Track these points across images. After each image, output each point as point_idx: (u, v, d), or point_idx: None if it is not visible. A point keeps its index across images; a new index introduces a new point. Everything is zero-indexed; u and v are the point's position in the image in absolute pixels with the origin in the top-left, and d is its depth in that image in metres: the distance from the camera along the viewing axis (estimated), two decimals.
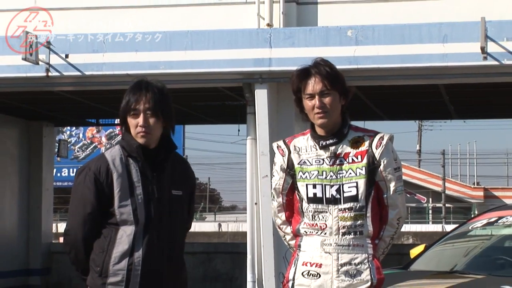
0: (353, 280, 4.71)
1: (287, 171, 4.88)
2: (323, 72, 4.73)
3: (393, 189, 4.74)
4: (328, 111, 4.72)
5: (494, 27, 13.26)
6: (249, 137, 14.65)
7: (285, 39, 13.97)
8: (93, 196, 4.55)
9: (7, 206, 19.32)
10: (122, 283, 4.54)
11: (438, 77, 14.46)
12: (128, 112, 4.59)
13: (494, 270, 6.80)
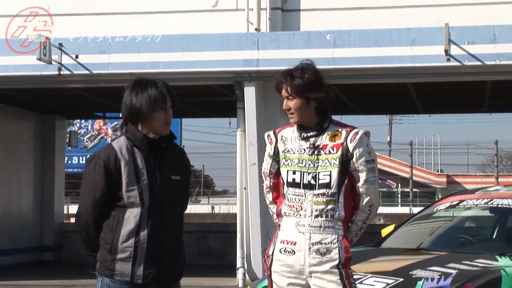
0: (323, 257, 4.73)
1: (274, 157, 4.93)
2: (289, 80, 4.78)
3: (365, 178, 4.75)
4: (295, 113, 4.80)
5: (457, 32, 13.27)
6: (239, 129, 14.66)
7: (271, 42, 13.97)
8: (103, 182, 4.55)
9: (24, 190, 19.30)
10: (129, 259, 4.54)
11: (406, 76, 14.48)
12: (156, 107, 4.58)
13: (456, 247, 6.81)
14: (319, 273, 4.72)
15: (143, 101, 4.58)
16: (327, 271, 4.71)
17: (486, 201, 7.17)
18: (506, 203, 6.93)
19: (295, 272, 4.78)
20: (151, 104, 4.58)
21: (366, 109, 20.35)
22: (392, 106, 21.26)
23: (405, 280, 5.53)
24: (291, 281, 4.79)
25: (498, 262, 5.87)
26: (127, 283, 4.55)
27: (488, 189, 7.73)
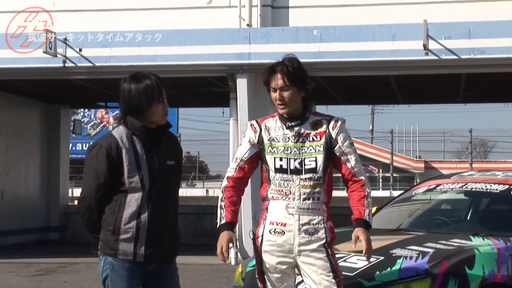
0: (311, 237, 4.74)
1: (257, 145, 4.91)
2: (285, 70, 4.75)
3: (355, 158, 4.78)
4: (287, 103, 4.78)
5: (435, 28, 13.29)
6: (232, 118, 14.68)
7: (262, 37, 13.97)
8: (105, 168, 4.55)
9: (31, 174, 19.32)
10: (132, 239, 4.55)
11: (388, 69, 14.50)
12: (156, 99, 4.59)
13: (433, 228, 6.83)
14: (307, 251, 4.74)
15: (142, 98, 4.58)
16: (315, 249, 4.73)
17: (461, 185, 7.19)
18: (480, 187, 6.95)
19: (285, 251, 4.79)
20: (149, 100, 4.59)
21: (350, 100, 20.37)
22: (374, 96, 21.28)
23: (386, 258, 5.54)
24: (280, 259, 4.80)
25: (472, 241, 5.88)
26: (129, 261, 4.56)
27: (463, 174, 7.75)
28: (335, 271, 4.71)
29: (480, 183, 7.02)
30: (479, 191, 6.98)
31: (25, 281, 11.77)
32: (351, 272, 5.36)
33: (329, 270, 4.70)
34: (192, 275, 11.83)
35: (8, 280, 11.89)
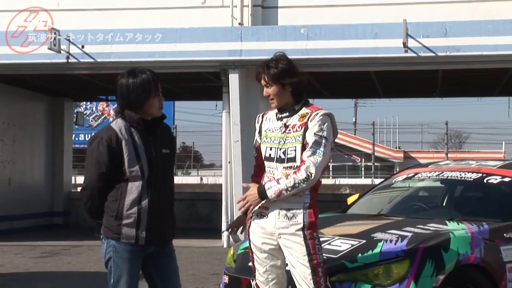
0: (289, 221, 4.76)
1: (258, 135, 4.99)
2: (265, 70, 4.81)
3: (310, 146, 4.70)
4: (274, 98, 4.84)
5: (413, 27, 13.31)
6: (224, 111, 14.68)
7: (253, 35, 13.96)
8: (107, 159, 4.56)
9: (36, 163, 19.29)
10: (134, 224, 4.57)
11: (370, 66, 14.52)
12: (152, 94, 4.59)
13: (411, 213, 6.84)
14: (286, 235, 4.76)
15: (140, 92, 4.58)
16: (292, 233, 4.74)
17: (437, 173, 7.21)
18: (455, 175, 6.96)
19: (268, 233, 4.81)
20: (147, 94, 4.59)
21: (334, 94, 20.37)
22: (357, 91, 21.30)
23: (368, 241, 5.55)
24: (265, 241, 4.83)
25: (447, 226, 5.90)
26: (131, 244, 4.58)
27: (439, 163, 7.76)
28: (311, 254, 4.70)
29: (455, 171, 7.03)
30: (454, 179, 7.00)
31: (31, 262, 11.77)
32: (335, 255, 5.37)
33: (305, 253, 4.70)
34: (187, 257, 11.85)
35: (15, 261, 11.89)
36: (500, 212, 6.29)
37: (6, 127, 17.86)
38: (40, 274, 10.53)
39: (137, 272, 4.66)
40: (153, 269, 4.73)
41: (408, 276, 5.26)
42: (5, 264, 11.54)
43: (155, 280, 4.74)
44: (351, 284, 5.24)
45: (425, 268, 5.32)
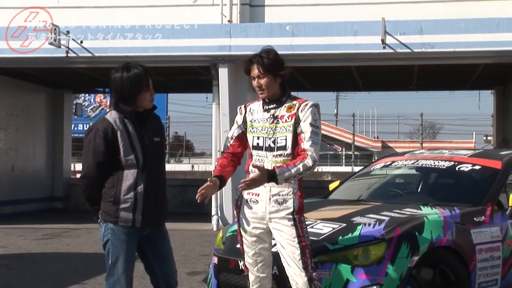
0: (280, 206, 4.76)
1: (241, 125, 4.95)
2: (260, 61, 4.77)
3: (309, 136, 4.71)
4: (265, 89, 4.80)
5: (391, 25, 13.32)
6: (214, 103, 14.66)
7: (241, 31, 13.94)
8: (103, 149, 4.55)
9: (38, 150, 19.27)
10: (131, 208, 4.57)
11: (350, 61, 14.53)
12: (144, 88, 4.58)
13: (388, 199, 6.85)
14: (277, 219, 4.76)
15: (132, 86, 4.57)
16: (283, 217, 4.74)
17: (413, 161, 7.22)
18: (429, 163, 6.98)
19: (258, 218, 4.81)
20: (139, 88, 4.58)
21: (317, 87, 20.39)
22: (339, 84, 21.33)
23: (348, 225, 5.56)
24: (255, 225, 4.82)
25: (421, 210, 5.92)
26: (128, 227, 4.59)
27: (414, 152, 7.78)
28: (300, 236, 4.72)
29: (429, 160, 7.06)
30: (428, 167, 7.02)
31: (33, 244, 11.74)
32: (317, 237, 5.38)
33: (295, 236, 4.71)
34: (179, 239, 11.85)
35: (18, 243, 11.86)
36: (470, 197, 6.32)
37: (9, 117, 17.83)
38: (42, 255, 10.51)
39: (133, 253, 4.67)
40: (148, 250, 4.74)
41: (385, 257, 5.28)
42: (9, 246, 11.52)
43: (151, 260, 4.75)
44: (332, 264, 5.26)
45: (401, 250, 5.33)
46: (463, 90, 21.48)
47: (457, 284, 5.58)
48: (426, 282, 5.48)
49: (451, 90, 23.76)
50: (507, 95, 18.76)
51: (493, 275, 5.88)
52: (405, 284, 5.31)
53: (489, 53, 13.60)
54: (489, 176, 6.50)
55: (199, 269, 9.01)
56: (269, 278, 4.93)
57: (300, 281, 4.70)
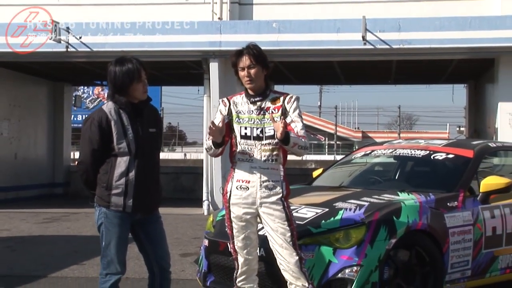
0: (270, 192, 4.77)
1: (226, 116, 4.92)
2: (251, 52, 4.79)
3: (301, 125, 4.78)
4: (253, 79, 4.80)
5: (371, 23, 13.33)
6: (205, 95, 14.65)
7: (231, 28, 13.91)
8: (98, 137, 4.54)
9: (39, 140, 19.21)
10: (122, 194, 4.55)
11: (333, 56, 14.53)
12: (136, 79, 4.56)
13: (368, 185, 6.87)
14: (267, 203, 4.76)
15: (124, 78, 4.56)
16: (273, 202, 4.76)
17: (391, 151, 7.23)
18: (406, 152, 7.00)
19: (248, 204, 4.81)
20: (130, 80, 4.57)
21: (302, 80, 20.39)
22: (322, 78, 21.33)
23: (330, 210, 5.57)
24: (245, 210, 4.82)
25: (399, 196, 5.93)
26: (120, 211, 4.57)
27: (392, 142, 7.79)
28: (289, 219, 4.75)
29: (406, 149, 7.07)
30: (405, 156, 7.03)
31: (34, 227, 11.71)
32: (301, 221, 5.38)
33: (285, 219, 4.73)
34: (172, 223, 11.85)
35: (21, 226, 11.83)
36: (444, 184, 6.33)
37: (12, 108, 17.76)
38: (43, 237, 10.49)
39: (125, 236, 4.65)
40: (141, 233, 4.73)
41: (365, 240, 5.29)
42: (12, 229, 11.48)
43: (144, 243, 4.74)
44: (315, 247, 5.27)
45: (380, 233, 5.35)
46: (438, 84, 21.52)
47: (431, 265, 5.61)
48: (402, 263, 5.50)
49: (426, 84, 23.80)
50: (479, 89, 18.82)
51: (465, 256, 5.91)
52: (383, 265, 5.33)
53: (462, 49, 13.65)
54: (462, 164, 6.52)
55: (191, 251, 9.01)
56: (256, 259, 4.94)
57: (292, 260, 4.73)
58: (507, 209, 6.31)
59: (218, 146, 4.85)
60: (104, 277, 4.60)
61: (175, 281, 5.96)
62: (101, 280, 4.62)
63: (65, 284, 6.88)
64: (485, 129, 16.39)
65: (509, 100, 13.81)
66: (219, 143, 4.82)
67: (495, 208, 6.22)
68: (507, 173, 7.10)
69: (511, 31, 13.14)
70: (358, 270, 5.19)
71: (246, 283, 4.93)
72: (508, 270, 6.35)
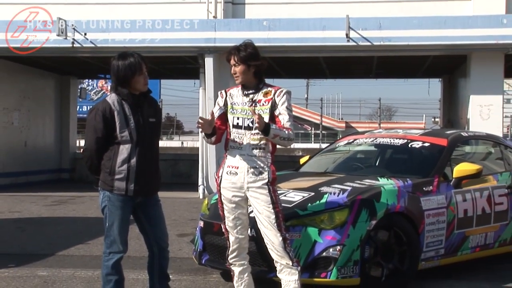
0: (257, 177, 4.76)
1: (222, 107, 4.92)
2: (235, 53, 4.78)
3: (287, 119, 4.76)
4: (239, 76, 4.79)
5: (354, 22, 13.33)
6: (201, 88, 14.63)
7: (224, 26, 13.88)
8: (102, 126, 4.52)
9: (47, 129, 19.17)
10: (124, 179, 4.54)
11: (319, 52, 14.53)
12: (137, 73, 4.55)
13: (351, 171, 6.87)
14: (254, 188, 4.76)
15: (127, 71, 4.55)
16: (259, 187, 4.75)
17: (372, 139, 7.24)
18: (386, 141, 7.01)
19: (237, 187, 4.81)
20: (132, 73, 4.55)
21: (290, 74, 20.38)
22: (309, 72, 21.33)
23: (316, 194, 5.58)
24: (234, 193, 4.82)
25: (379, 181, 5.94)
26: (122, 195, 4.56)
27: (373, 131, 7.80)
28: (274, 203, 4.74)
29: (386, 138, 7.08)
30: (385, 144, 7.05)
31: (43, 209, 11.70)
32: (289, 204, 5.40)
33: (270, 202, 4.73)
34: (170, 206, 11.85)
35: (30, 208, 11.81)
36: (420, 170, 6.35)
37: (22, 99, 17.71)
38: (51, 219, 10.48)
39: (127, 218, 4.65)
40: (142, 215, 4.72)
41: (348, 221, 5.31)
42: (23, 211, 11.46)
43: (144, 224, 4.74)
44: (302, 228, 5.28)
45: (361, 215, 5.37)
46: (415, 78, 21.57)
47: (408, 244, 5.63)
48: (382, 242, 5.53)
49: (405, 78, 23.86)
50: (452, 82, 18.86)
51: (439, 236, 5.94)
52: (364, 244, 5.35)
53: (438, 46, 13.67)
54: (437, 152, 6.54)
55: (187, 231, 9.02)
56: (246, 238, 4.95)
57: (276, 241, 4.72)
58: (477, 193, 6.35)
59: (209, 137, 4.87)
60: (108, 255, 4.61)
61: (172, 259, 5.97)
62: (105, 258, 4.62)
63: (71, 262, 6.88)
64: (458, 120, 16.44)
65: (480, 93, 13.86)
66: (210, 134, 4.83)
67: (466, 192, 6.25)
68: (477, 160, 7.14)
69: (482, 29, 13.18)
70: (341, 249, 5.21)
71: (237, 260, 4.94)
72: (477, 249, 6.40)
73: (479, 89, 13.87)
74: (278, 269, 4.79)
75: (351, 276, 5.25)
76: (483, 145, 7.48)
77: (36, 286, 5.82)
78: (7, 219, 10.41)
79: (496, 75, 13.84)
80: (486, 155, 7.41)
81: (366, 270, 5.37)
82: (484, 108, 13.85)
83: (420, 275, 5.89)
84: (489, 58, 13.80)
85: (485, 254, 6.54)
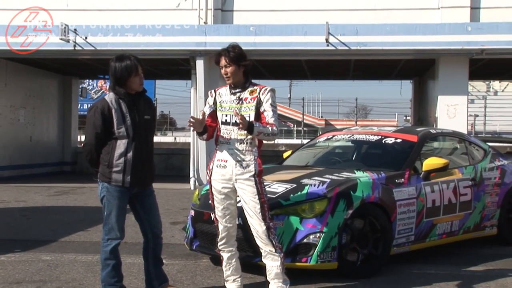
0: (244, 170, 4.74)
1: (212, 105, 4.89)
2: (226, 54, 4.74)
3: (271, 115, 4.72)
4: (230, 76, 4.75)
5: (333, 28, 13.35)
6: (192, 88, 14.60)
7: (214, 31, 13.85)
8: (101, 122, 4.51)
9: (51, 125, 19.07)
10: (121, 171, 4.53)
11: (301, 56, 14.53)
12: (133, 74, 4.53)
13: (330, 165, 6.89)
14: (241, 180, 4.74)
15: (123, 72, 4.53)
16: (246, 179, 4.73)
17: (349, 136, 7.26)
18: (361, 137, 7.03)
19: (226, 179, 4.79)
20: (128, 74, 4.54)
21: (275, 76, 20.37)
22: (292, 73, 21.32)
23: (297, 185, 5.59)
24: (223, 185, 4.81)
25: (355, 174, 5.96)
26: (119, 186, 4.55)
27: (350, 128, 7.82)
28: (260, 193, 4.72)
29: (362, 134, 7.10)
30: (361, 140, 7.06)
31: (47, 199, 11.63)
32: (273, 195, 5.40)
33: (256, 193, 4.71)
34: (164, 196, 11.82)
35: (35, 198, 11.74)
36: (393, 164, 6.38)
37: (28, 98, 17.62)
38: (54, 208, 10.42)
39: (124, 207, 4.64)
40: (137, 205, 4.72)
41: (327, 210, 5.32)
42: (27, 200, 11.40)
43: (139, 213, 4.74)
44: (284, 217, 5.29)
45: (339, 205, 5.38)
46: (389, 79, 21.62)
47: (382, 231, 5.65)
48: (358, 230, 5.54)
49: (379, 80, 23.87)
50: (422, 84, 18.94)
51: (409, 224, 5.97)
52: (342, 232, 5.36)
53: (409, 51, 13.73)
54: (408, 147, 6.56)
55: (179, 220, 9.00)
56: (235, 227, 4.94)
57: (260, 229, 4.71)
58: (444, 185, 6.38)
59: (201, 135, 4.85)
60: (106, 241, 4.60)
61: (166, 245, 5.95)
62: (103, 244, 4.61)
63: (73, 247, 6.85)
64: (427, 118, 16.51)
65: (447, 94, 13.95)
66: (201, 132, 4.81)
67: (434, 184, 6.28)
68: (445, 155, 7.18)
69: (449, 36, 13.27)
70: (320, 236, 5.22)
71: (226, 247, 4.93)
72: (444, 236, 6.43)
73: (446, 90, 13.96)
74: (263, 255, 4.78)
75: (330, 261, 5.26)
76: (449, 141, 7.52)
77: (40, 269, 5.79)
78: (14, 208, 10.35)
79: (462, 78, 13.93)
80: (452, 150, 7.45)
81: (343, 255, 5.39)
82: (451, 108, 13.93)
83: (392, 259, 5.91)
84: (456, 62, 13.89)
85: (451, 240, 6.57)
